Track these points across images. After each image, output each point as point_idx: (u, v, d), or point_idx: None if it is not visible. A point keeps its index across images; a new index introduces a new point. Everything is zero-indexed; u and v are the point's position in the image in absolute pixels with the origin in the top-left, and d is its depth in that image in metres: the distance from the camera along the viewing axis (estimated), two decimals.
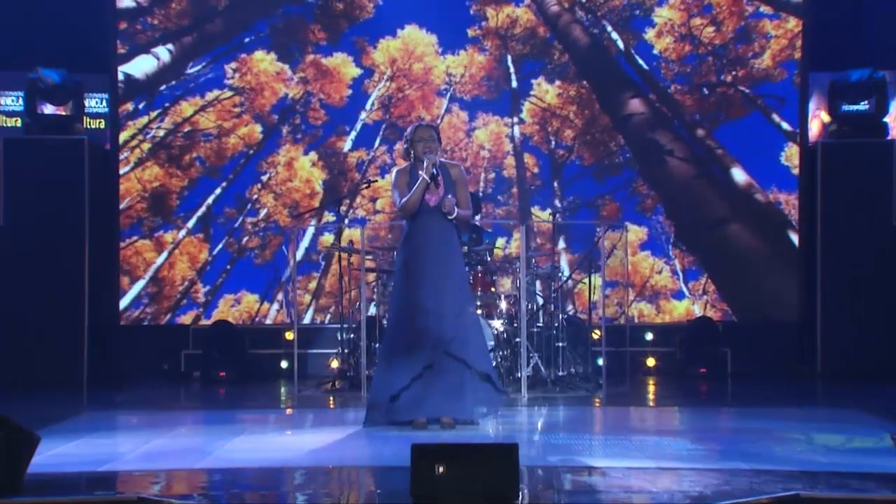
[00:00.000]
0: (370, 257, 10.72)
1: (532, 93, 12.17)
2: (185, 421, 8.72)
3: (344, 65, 12.09)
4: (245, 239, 12.02)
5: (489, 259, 10.44)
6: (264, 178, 12.04)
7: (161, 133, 11.96)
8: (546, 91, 12.15)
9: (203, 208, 12.01)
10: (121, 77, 11.92)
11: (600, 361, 10.33)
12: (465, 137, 12.13)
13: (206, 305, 12.04)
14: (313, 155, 12.05)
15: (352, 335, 10.51)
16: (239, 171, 12.05)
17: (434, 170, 7.69)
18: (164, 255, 11.98)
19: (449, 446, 5.20)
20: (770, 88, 12.04)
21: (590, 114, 12.15)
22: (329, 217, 11.87)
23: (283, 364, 11.56)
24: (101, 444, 7.42)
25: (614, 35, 12.13)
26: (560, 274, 10.93)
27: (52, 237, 11.02)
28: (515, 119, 12.15)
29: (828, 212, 11.30)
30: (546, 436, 7.83)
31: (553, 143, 12.15)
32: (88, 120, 11.68)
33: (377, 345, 9.96)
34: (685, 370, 11.44)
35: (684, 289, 12.07)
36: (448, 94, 12.13)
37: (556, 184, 12.12)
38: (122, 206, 11.92)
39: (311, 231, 11.93)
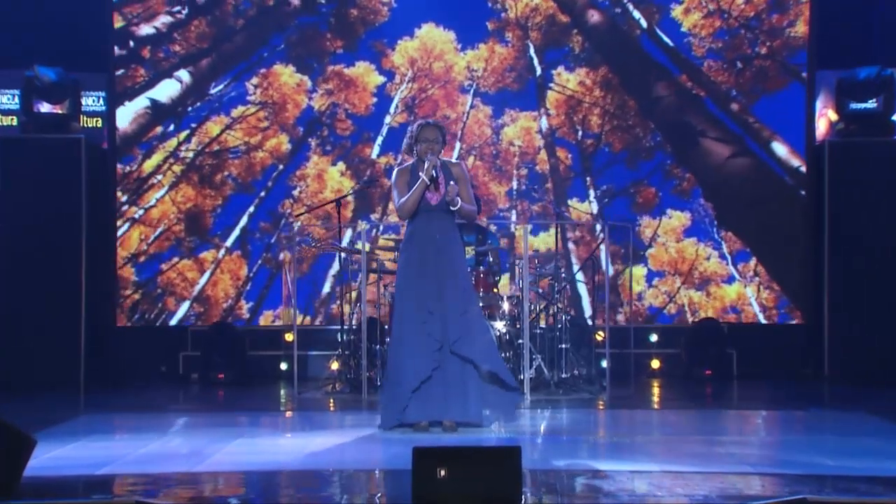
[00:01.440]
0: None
1: (554, 82, 12.09)
2: (184, 424, 8.66)
3: (367, 73, 12.10)
4: (281, 254, 11.97)
5: (492, 259, 10.38)
6: (295, 192, 11.99)
7: (190, 154, 12.01)
8: (567, 80, 12.06)
9: (239, 226, 12.05)
10: (147, 103, 11.98)
11: (604, 363, 10.26)
12: (491, 133, 12.08)
13: (250, 322, 12.04)
14: (342, 165, 12.01)
15: (352, 337, 10.44)
16: (271, 188, 12.05)
17: (434, 171, 7.65)
18: (207, 274, 11.99)
19: (451, 449, 5.19)
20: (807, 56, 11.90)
21: (617, 98, 12.07)
22: (363, 225, 11.82)
23: (283, 366, 11.51)
24: (98, 447, 7.37)
25: (636, 14, 12.03)
26: (563, 275, 10.84)
27: (49, 237, 10.96)
28: (542, 110, 12.07)
29: (835, 212, 11.21)
30: (549, 438, 7.78)
31: (580, 133, 12.07)
32: (85, 119, 11.64)
33: (378, 346, 9.91)
34: (690, 372, 11.38)
35: (734, 272, 11.95)
36: (472, 90, 12.09)
37: (588, 174, 12.03)
38: (159, 229, 11.99)
39: (347, 239, 11.83)
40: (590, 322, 11.34)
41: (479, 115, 12.10)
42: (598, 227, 11.78)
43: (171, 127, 12.01)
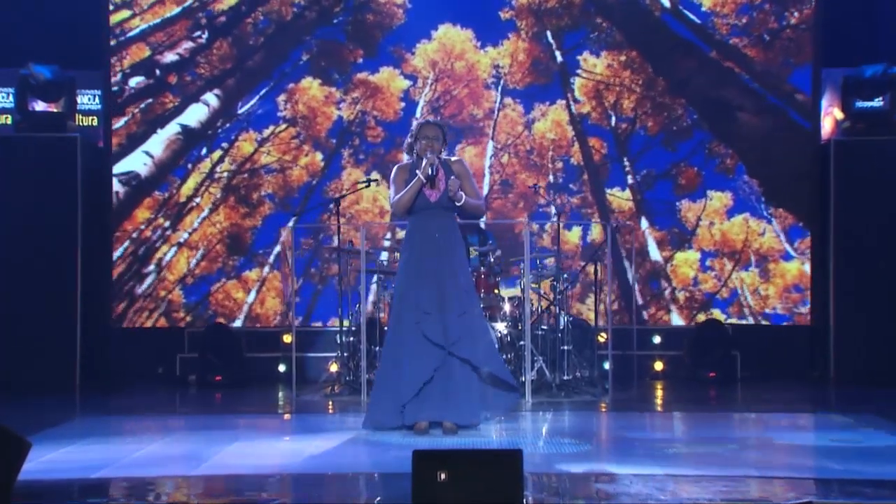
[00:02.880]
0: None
1: (581, 68, 11.99)
2: (180, 426, 8.63)
3: (392, 79, 12.06)
4: (324, 269, 11.89)
5: (493, 260, 10.32)
6: (331, 205, 11.90)
7: (225, 174, 12.00)
8: (594, 65, 11.98)
9: (279, 242, 11.98)
10: (178, 129, 11.97)
11: (606, 365, 10.21)
12: (523, 129, 12.00)
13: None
14: (375, 174, 11.89)
15: (351, 338, 10.37)
16: (306, 203, 11.98)
17: (431, 169, 7.60)
18: (253, 293, 11.96)
19: (451, 452, 5.16)
20: None
21: (646, 77, 11.97)
22: (400, 233, 11.77)
23: (281, 368, 11.46)
24: (93, 450, 7.34)
25: None
26: (564, 276, 10.76)
27: (45, 237, 10.90)
28: (569, 96, 11.99)
29: (840, 211, 11.14)
30: (551, 441, 7.71)
31: (613, 117, 11.98)
32: (81, 117, 11.60)
33: (378, 348, 9.85)
34: (694, 374, 11.30)
35: (789, 249, 11.82)
36: (500, 87, 12.03)
37: (625, 160, 11.92)
38: (200, 251, 11.95)
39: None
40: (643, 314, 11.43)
41: (508, 111, 12.03)
42: (642, 217, 11.75)
43: (204, 150, 12.00)
